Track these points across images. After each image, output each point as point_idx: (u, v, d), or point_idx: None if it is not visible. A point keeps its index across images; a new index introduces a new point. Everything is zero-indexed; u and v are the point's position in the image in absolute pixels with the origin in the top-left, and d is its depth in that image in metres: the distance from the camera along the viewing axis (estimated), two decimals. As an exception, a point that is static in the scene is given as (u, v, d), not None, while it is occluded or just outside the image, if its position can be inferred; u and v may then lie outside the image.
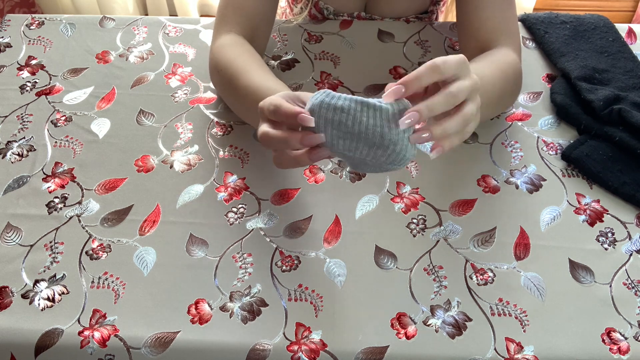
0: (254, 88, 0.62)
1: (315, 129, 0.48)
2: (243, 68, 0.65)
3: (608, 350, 0.55)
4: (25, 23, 0.86)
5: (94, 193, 0.66)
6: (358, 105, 0.47)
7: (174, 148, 0.71)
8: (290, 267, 0.60)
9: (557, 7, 1.95)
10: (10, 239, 0.62)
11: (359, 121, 0.47)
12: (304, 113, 0.48)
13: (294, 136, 0.48)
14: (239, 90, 0.64)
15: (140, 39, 0.84)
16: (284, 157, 0.51)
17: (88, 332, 0.55)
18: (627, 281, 0.60)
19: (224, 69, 0.67)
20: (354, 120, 0.47)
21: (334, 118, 0.48)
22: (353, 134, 0.48)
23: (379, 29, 0.85)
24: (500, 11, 0.70)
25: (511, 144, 0.72)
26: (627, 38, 0.86)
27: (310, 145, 0.48)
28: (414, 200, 0.66)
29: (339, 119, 0.48)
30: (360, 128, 0.47)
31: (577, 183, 0.68)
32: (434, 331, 0.56)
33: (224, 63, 0.67)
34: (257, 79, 0.63)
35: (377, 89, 0.77)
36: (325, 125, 0.48)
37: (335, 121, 0.48)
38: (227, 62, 0.67)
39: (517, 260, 0.61)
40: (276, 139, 0.49)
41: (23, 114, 0.74)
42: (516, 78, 0.69)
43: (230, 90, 0.67)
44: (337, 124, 0.48)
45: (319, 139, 0.48)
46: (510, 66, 0.67)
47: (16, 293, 0.58)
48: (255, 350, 0.55)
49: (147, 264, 0.60)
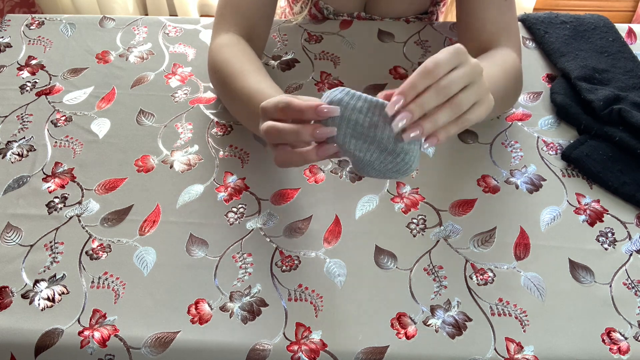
0: (249, 92, 0.61)
1: (329, 124, 0.48)
2: (239, 70, 0.65)
3: (608, 350, 0.55)
4: (25, 23, 0.86)
5: (94, 193, 0.66)
6: (377, 109, 0.47)
7: (174, 148, 0.71)
8: (290, 267, 0.61)
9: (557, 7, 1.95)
10: (10, 239, 0.62)
11: (375, 124, 0.47)
12: (324, 105, 0.47)
13: (306, 128, 0.47)
14: (234, 92, 0.64)
15: (140, 39, 0.84)
16: (288, 154, 0.49)
17: (88, 332, 0.55)
18: (627, 281, 0.60)
19: (220, 70, 0.67)
20: (371, 123, 0.47)
21: (350, 117, 0.47)
22: (367, 136, 0.47)
23: (379, 29, 0.85)
24: (501, 11, 0.70)
25: (511, 144, 0.72)
26: (627, 38, 0.86)
27: (322, 138, 0.48)
28: (414, 200, 0.66)
29: (355, 119, 0.47)
30: (376, 132, 0.47)
31: (577, 183, 0.68)
32: (434, 331, 0.56)
33: (220, 64, 0.67)
34: (253, 83, 0.62)
35: (377, 89, 0.77)
36: (340, 122, 0.48)
37: (352, 120, 0.47)
38: (223, 63, 0.67)
39: (517, 260, 0.61)
40: (286, 130, 0.48)
41: (23, 114, 0.74)
42: (517, 78, 0.69)
43: (226, 91, 0.67)
44: (354, 124, 0.47)
45: (331, 131, 0.47)
46: (511, 66, 0.67)
47: (16, 293, 0.58)
48: (255, 350, 0.55)
49: (147, 264, 0.60)
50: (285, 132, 0.48)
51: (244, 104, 0.62)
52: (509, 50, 0.69)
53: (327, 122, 0.48)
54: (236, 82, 0.64)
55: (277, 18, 0.92)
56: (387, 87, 0.77)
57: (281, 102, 0.48)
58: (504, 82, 0.64)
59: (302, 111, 0.47)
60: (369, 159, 0.49)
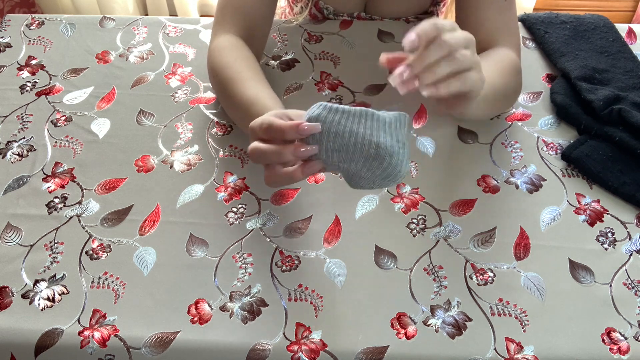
0: (248, 100, 0.61)
1: (310, 142, 0.48)
2: (238, 76, 0.65)
3: (608, 350, 0.55)
4: (25, 23, 0.86)
5: (94, 193, 0.66)
6: (355, 117, 0.48)
7: (174, 148, 0.71)
8: (290, 267, 0.60)
9: (557, 7, 1.95)
10: (10, 239, 0.62)
11: (355, 132, 0.47)
12: (305, 123, 0.48)
13: (287, 148, 0.48)
14: (233, 98, 0.64)
15: (140, 39, 0.84)
16: (276, 174, 0.50)
17: (88, 332, 0.55)
18: (627, 281, 0.60)
19: (219, 74, 0.67)
20: (351, 132, 0.47)
21: (330, 130, 0.48)
22: (349, 145, 0.48)
23: (379, 29, 0.85)
24: (500, 11, 0.70)
25: (511, 144, 0.72)
26: (627, 38, 0.86)
27: (304, 157, 0.48)
28: (414, 200, 0.66)
29: (335, 131, 0.48)
30: (357, 139, 0.47)
31: (577, 183, 0.68)
32: (434, 331, 0.56)
33: (220, 68, 0.67)
34: (251, 91, 0.62)
35: (377, 89, 0.77)
36: (321, 137, 0.48)
37: (332, 133, 0.48)
38: (222, 67, 0.67)
39: (517, 260, 0.61)
40: (269, 152, 0.48)
41: (23, 114, 0.74)
42: (517, 77, 0.69)
43: (225, 96, 0.67)
44: (334, 136, 0.48)
45: (312, 150, 0.48)
46: (509, 65, 0.67)
47: (16, 293, 0.58)
48: (255, 350, 0.55)
49: (147, 264, 0.60)
50: (268, 153, 0.49)
51: (242, 112, 0.62)
52: (508, 50, 0.69)
53: (308, 140, 0.48)
54: (235, 88, 0.64)
55: (277, 18, 0.92)
56: (387, 87, 0.77)
57: (264, 122, 0.49)
58: (501, 79, 0.64)
59: (283, 131, 0.48)
60: (354, 168, 0.49)
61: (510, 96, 0.71)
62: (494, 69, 0.64)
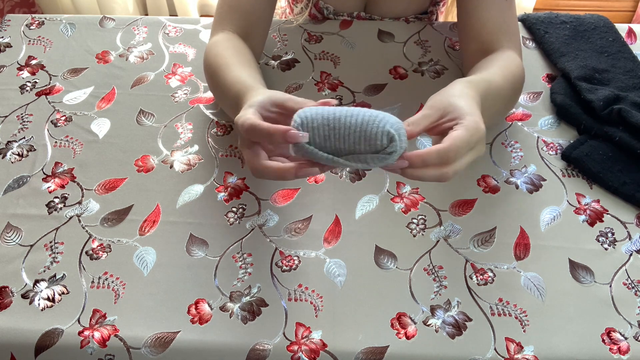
0: (230, 82, 0.62)
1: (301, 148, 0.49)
2: (225, 62, 0.65)
3: (608, 350, 0.55)
4: (25, 23, 0.86)
5: (94, 193, 0.66)
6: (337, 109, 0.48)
7: (174, 148, 0.71)
8: (290, 267, 0.60)
9: (557, 7, 1.95)
10: (10, 239, 0.62)
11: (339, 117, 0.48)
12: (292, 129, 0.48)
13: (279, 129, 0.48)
14: (218, 83, 0.65)
15: (140, 39, 0.84)
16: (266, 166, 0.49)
17: (88, 332, 0.55)
18: (627, 281, 0.60)
19: (210, 65, 0.68)
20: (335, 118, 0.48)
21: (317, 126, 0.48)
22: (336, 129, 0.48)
23: (379, 29, 0.85)
24: (501, 12, 0.70)
25: (511, 144, 0.72)
26: (627, 38, 0.86)
27: (294, 141, 0.48)
28: (414, 200, 0.66)
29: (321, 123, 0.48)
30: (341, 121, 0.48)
31: (577, 183, 0.68)
32: (434, 331, 0.56)
33: (211, 58, 0.67)
34: (233, 73, 0.62)
35: (377, 89, 0.77)
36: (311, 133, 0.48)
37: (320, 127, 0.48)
38: (213, 57, 0.67)
39: (517, 260, 0.61)
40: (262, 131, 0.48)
41: (23, 114, 0.74)
42: (521, 83, 0.69)
43: (212, 83, 0.68)
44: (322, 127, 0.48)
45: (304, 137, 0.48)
46: (518, 75, 0.67)
47: (16, 293, 0.58)
48: (255, 350, 0.55)
49: (147, 264, 0.60)
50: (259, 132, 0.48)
51: (224, 95, 0.63)
52: (512, 53, 0.69)
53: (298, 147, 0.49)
54: (220, 73, 0.64)
55: (277, 18, 0.92)
56: (387, 87, 0.77)
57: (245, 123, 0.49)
58: (510, 85, 0.65)
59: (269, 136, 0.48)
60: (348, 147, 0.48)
61: (514, 102, 0.72)
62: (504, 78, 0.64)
